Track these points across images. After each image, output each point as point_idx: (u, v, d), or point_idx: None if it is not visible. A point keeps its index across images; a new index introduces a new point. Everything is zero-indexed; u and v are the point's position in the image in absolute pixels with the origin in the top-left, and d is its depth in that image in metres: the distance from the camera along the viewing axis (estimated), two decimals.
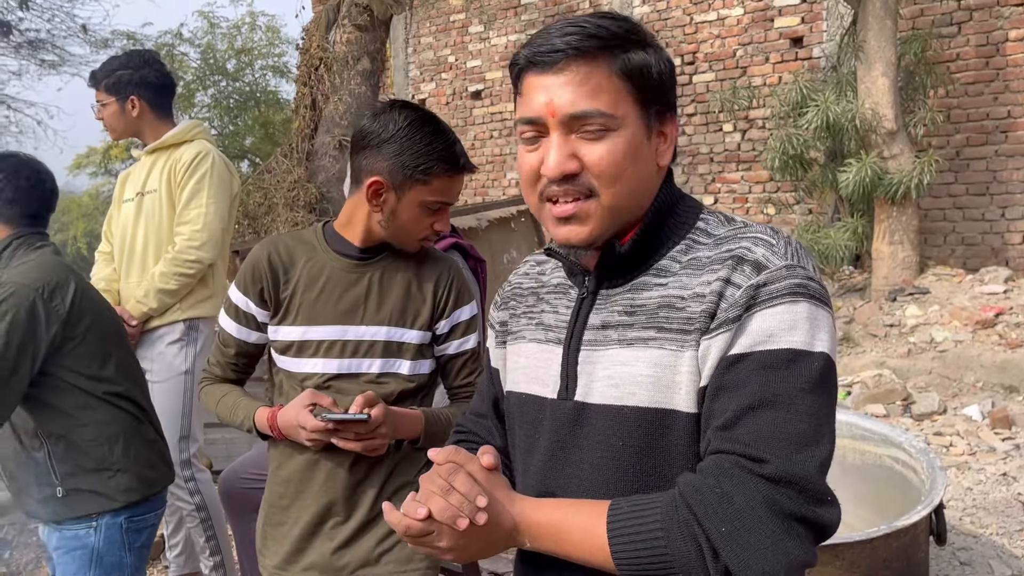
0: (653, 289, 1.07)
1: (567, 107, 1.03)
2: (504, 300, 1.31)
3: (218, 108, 15.43)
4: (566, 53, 1.03)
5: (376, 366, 1.73)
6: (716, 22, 8.18)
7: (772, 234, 1.05)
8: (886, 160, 6.14)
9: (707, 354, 1.00)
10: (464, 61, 10.16)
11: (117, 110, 3.04)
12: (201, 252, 2.97)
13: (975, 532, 3.35)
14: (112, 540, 1.98)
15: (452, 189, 1.71)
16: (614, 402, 1.05)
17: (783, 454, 0.93)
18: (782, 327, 0.97)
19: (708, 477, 0.95)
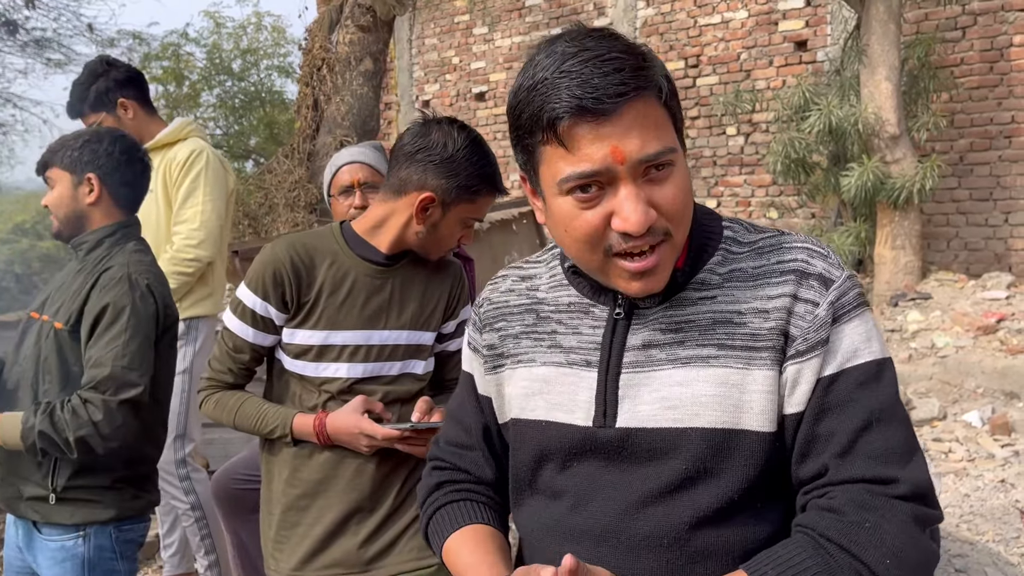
0: (698, 304, 1.03)
1: (637, 152, 0.94)
2: (488, 321, 1.19)
3: (223, 108, 15.45)
4: (627, 98, 0.93)
5: (396, 368, 1.80)
6: (720, 25, 8.18)
7: (817, 244, 1.04)
8: (889, 165, 6.13)
9: (799, 377, 0.99)
10: (468, 63, 10.17)
11: (114, 122, 3.02)
12: (199, 250, 2.97)
13: (971, 539, 3.34)
14: (103, 548, 1.92)
15: (487, 207, 1.81)
16: (674, 424, 1.00)
17: (903, 468, 0.96)
18: (862, 340, 0.99)
19: (848, 514, 0.94)
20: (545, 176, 1.01)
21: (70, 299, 1.89)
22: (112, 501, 1.91)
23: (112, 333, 1.82)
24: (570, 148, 0.96)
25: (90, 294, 1.86)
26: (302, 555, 1.77)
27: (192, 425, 3.05)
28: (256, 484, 2.65)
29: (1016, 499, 3.65)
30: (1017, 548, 3.25)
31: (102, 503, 1.90)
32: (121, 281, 1.86)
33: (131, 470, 1.95)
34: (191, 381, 3.03)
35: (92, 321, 1.84)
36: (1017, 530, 3.38)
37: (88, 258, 1.95)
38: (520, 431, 1.13)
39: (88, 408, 1.78)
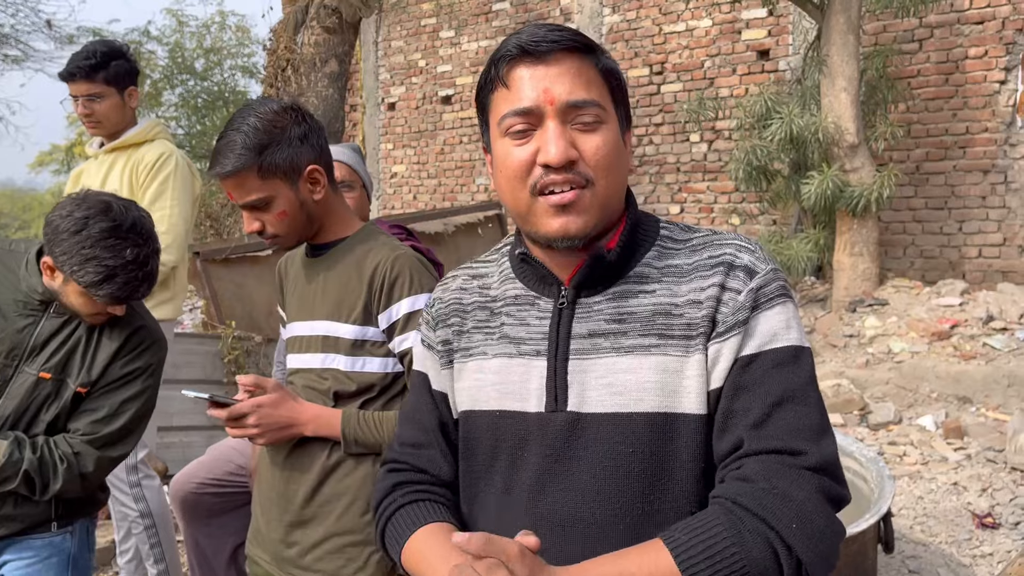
0: (639, 296, 1.09)
1: (565, 95, 1.05)
2: (441, 318, 1.24)
3: (186, 107, 15.26)
4: (560, 44, 1.06)
5: (317, 361, 1.76)
6: (685, 33, 8.26)
7: (746, 240, 1.11)
8: (848, 173, 6.24)
9: (718, 356, 1.05)
10: (435, 66, 10.16)
11: (118, 103, 2.95)
12: (165, 255, 2.92)
13: (925, 541, 3.41)
14: (82, 543, 1.99)
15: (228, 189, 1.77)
16: (620, 409, 1.06)
17: (814, 443, 1.01)
18: (781, 326, 1.06)
19: (760, 481, 0.99)
20: (492, 124, 1.12)
21: (81, 358, 1.86)
22: (91, 497, 1.98)
23: (126, 395, 1.88)
24: (510, 87, 1.08)
25: (114, 359, 1.87)
26: (252, 532, 1.87)
27: (146, 432, 2.99)
28: (214, 488, 2.63)
29: (968, 501, 3.73)
30: (969, 550, 3.33)
31: (84, 500, 1.96)
32: (149, 347, 1.92)
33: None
34: None
35: (110, 381, 1.87)
36: (969, 532, 3.46)
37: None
38: (473, 423, 1.17)
39: (79, 459, 1.82)
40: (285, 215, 1.69)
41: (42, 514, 1.89)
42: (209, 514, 2.64)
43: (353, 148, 2.64)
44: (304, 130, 1.70)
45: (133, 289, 1.77)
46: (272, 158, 1.64)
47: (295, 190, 1.69)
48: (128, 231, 1.76)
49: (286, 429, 1.70)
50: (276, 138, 1.65)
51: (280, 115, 1.68)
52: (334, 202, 1.80)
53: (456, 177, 10.04)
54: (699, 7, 7.97)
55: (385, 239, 1.80)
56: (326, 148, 1.77)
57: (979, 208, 6.82)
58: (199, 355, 4.76)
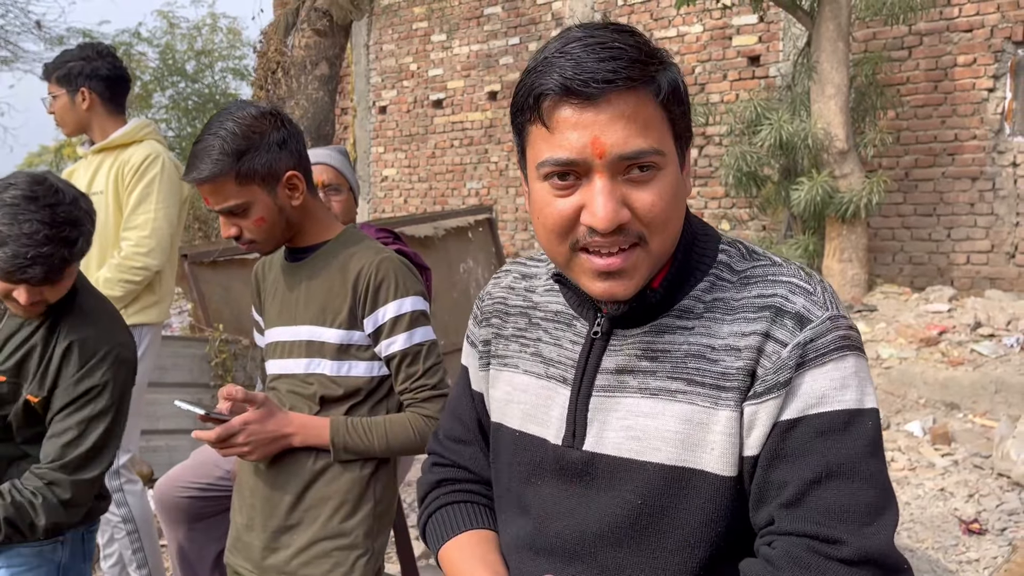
0: (677, 333, 0.99)
1: (619, 146, 0.90)
2: (486, 316, 1.18)
3: (176, 109, 15.21)
4: (614, 85, 0.89)
5: (301, 366, 1.74)
6: (676, 39, 8.29)
7: (806, 278, 0.97)
8: (837, 179, 6.26)
9: (755, 420, 0.93)
10: (426, 69, 10.15)
11: (67, 103, 2.96)
12: (148, 259, 2.91)
13: (911, 546, 3.41)
14: (75, 553, 1.95)
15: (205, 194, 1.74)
16: (634, 456, 0.98)
17: (856, 530, 0.88)
18: (833, 387, 0.92)
19: (783, 568, 0.88)
20: (529, 158, 0.98)
21: (35, 364, 1.80)
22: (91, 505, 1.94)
23: (90, 413, 1.78)
24: (551, 130, 0.92)
25: (62, 367, 1.78)
26: (231, 541, 1.86)
27: (129, 436, 2.95)
28: (199, 492, 2.61)
29: (955, 507, 3.74)
30: (955, 556, 3.34)
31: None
32: (105, 359, 1.79)
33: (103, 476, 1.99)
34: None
35: (70, 399, 1.78)
36: (955, 538, 3.47)
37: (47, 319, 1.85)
38: (499, 436, 1.13)
39: (53, 489, 1.75)
40: (263, 221, 1.67)
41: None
42: (193, 518, 2.62)
43: (340, 151, 2.63)
44: (283, 135, 1.68)
45: (19, 267, 1.62)
46: (250, 164, 1.62)
47: (273, 196, 1.67)
48: (42, 207, 1.64)
49: (275, 442, 1.69)
50: (254, 144, 1.63)
51: (259, 120, 1.66)
52: (313, 206, 1.78)
53: (447, 181, 10.04)
54: (690, 13, 7.99)
55: (369, 242, 1.78)
56: (304, 153, 1.75)
57: (967, 215, 6.85)
58: (186, 358, 4.73)
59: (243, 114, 1.66)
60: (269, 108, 1.72)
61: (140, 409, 3.06)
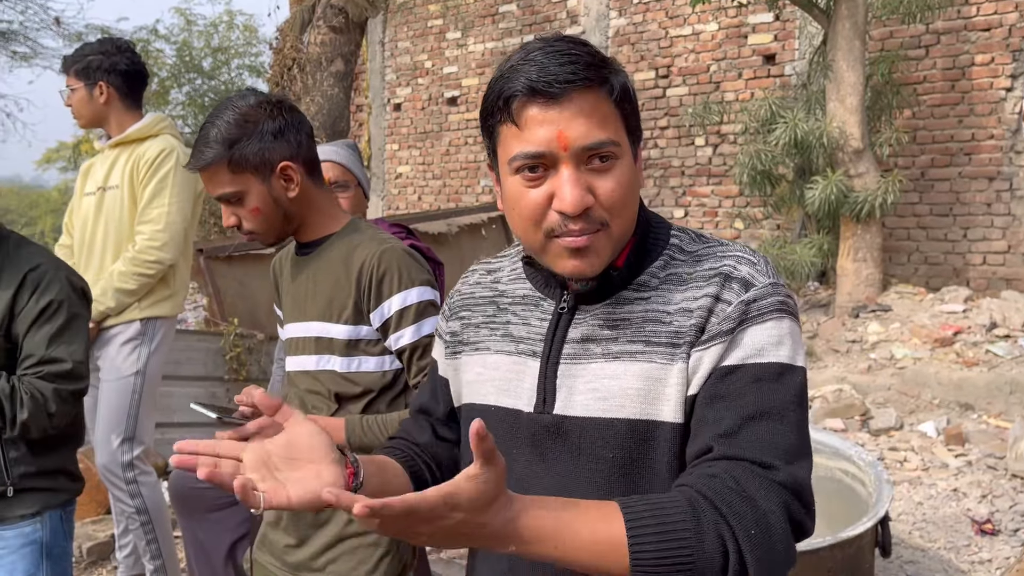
0: (634, 303, 1.08)
1: (581, 139, 1.01)
2: (454, 311, 1.27)
3: (193, 106, 15.29)
4: (574, 84, 1.01)
5: (312, 363, 1.73)
6: (691, 37, 8.27)
7: (751, 253, 1.09)
8: (852, 178, 6.23)
9: (699, 364, 1.03)
10: (441, 67, 10.17)
11: (85, 96, 2.99)
12: (162, 253, 2.94)
13: (923, 546, 3.40)
14: (56, 531, 2.01)
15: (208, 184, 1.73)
16: (602, 415, 1.05)
17: (785, 462, 0.98)
18: (771, 342, 1.02)
19: (726, 480, 0.96)
20: (501, 156, 1.08)
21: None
22: (62, 486, 2.01)
23: (61, 330, 1.90)
24: (521, 127, 1.03)
25: (16, 297, 1.89)
26: (258, 537, 1.85)
27: (143, 428, 2.99)
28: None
29: (968, 508, 3.72)
30: (967, 556, 3.32)
31: (54, 489, 1.99)
32: (56, 280, 1.92)
33: (70, 455, 2.06)
34: (143, 383, 2.97)
35: (32, 319, 1.89)
36: (968, 538, 3.45)
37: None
38: (473, 415, 1.18)
39: (42, 398, 1.86)
40: (258, 211, 1.67)
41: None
42: (207, 509, 2.65)
43: (348, 145, 2.62)
44: (280, 125, 1.66)
45: None
46: (242, 152, 1.62)
47: (267, 186, 1.66)
48: None
49: None
50: (248, 132, 1.63)
51: (255, 109, 1.65)
52: (316, 198, 1.75)
53: (461, 178, 10.05)
54: (705, 11, 7.97)
55: (372, 232, 1.75)
56: (306, 144, 1.72)
57: (984, 215, 6.80)
58: (200, 352, 4.77)
59: (242, 103, 1.66)
60: (271, 98, 1.70)
61: (155, 402, 3.09)
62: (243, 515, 2.68)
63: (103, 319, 2.93)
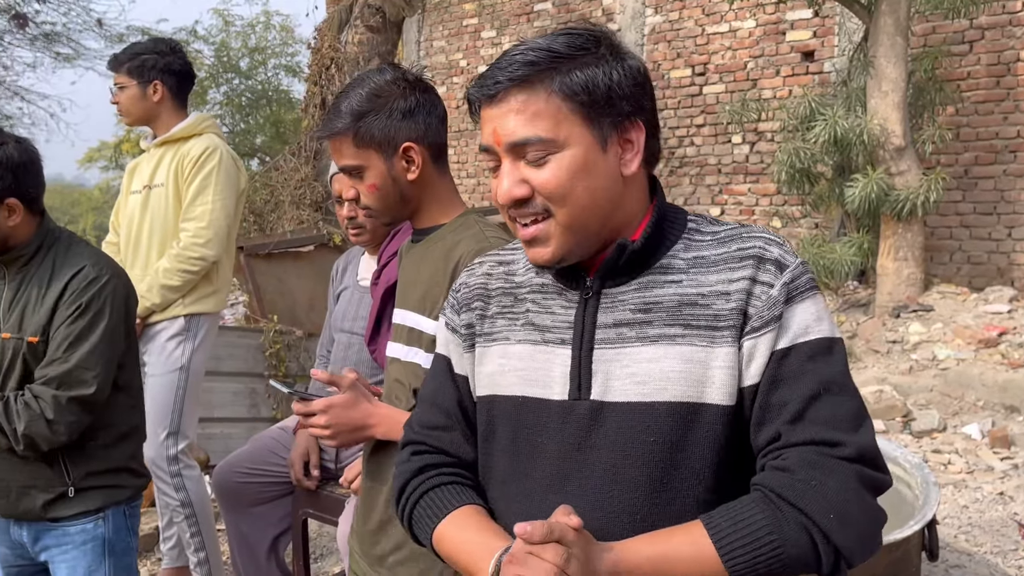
0: (665, 287, 1.10)
1: (508, 136, 1.09)
2: (465, 303, 1.26)
3: (230, 105, 15.49)
4: (505, 84, 1.08)
5: (402, 352, 1.69)
6: (728, 34, 8.19)
7: (774, 234, 1.13)
8: (893, 176, 6.14)
9: (754, 352, 1.06)
10: (476, 65, 10.19)
11: (138, 94, 3.03)
12: (206, 249, 2.98)
13: (969, 550, 3.34)
14: (119, 527, 2.03)
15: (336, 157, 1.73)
16: (643, 399, 1.07)
17: (851, 433, 1.03)
18: (813, 319, 1.07)
19: (798, 472, 1.01)
20: None
21: (32, 309, 1.92)
22: (125, 483, 2.03)
23: (80, 332, 1.88)
24: (480, 124, 1.14)
25: (59, 302, 1.90)
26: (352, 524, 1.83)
27: (187, 422, 3.04)
28: (257, 477, 2.67)
29: (1014, 512, 3.65)
30: (1015, 560, 3.26)
31: (116, 486, 2.02)
32: (94, 284, 1.91)
33: (134, 452, 2.08)
34: (187, 378, 3.02)
35: (60, 321, 1.89)
36: (1015, 543, 3.38)
37: (28, 269, 1.96)
38: (494, 407, 1.18)
39: (40, 403, 1.84)
40: (375, 188, 1.64)
41: (57, 479, 1.93)
42: (251, 503, 2.69)
43: None
44: (411, 105, 1.63)
45: None
46: (368, 127, 1.60)
47: (388, 164, 1.63)
48: None
49: (357, 431, 1.66)
50: (377, 107, 1.61)
51: (389, 85, 1.63)
52: (436, 185, 1.70)
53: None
54: (743, 8, 7.89)
55: (477, 230, 1.67)
56: (435, 127, 1.67)
57: None
58: (241, 348, 4.83)
59: (378, 78, 1.64)
60: (408, 76, 1.67)
61: (198, 397, 3.13)
62: (285, 510, 2.71)
63: (148, 315, 2.98)
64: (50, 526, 1.97)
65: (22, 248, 1.96)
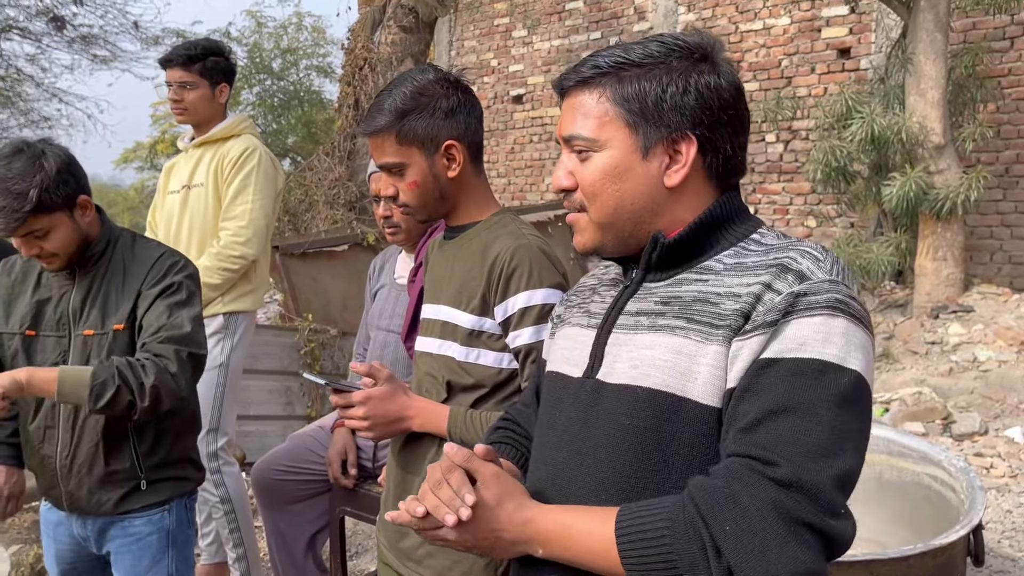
0: (692, 284, 1.12)
1: (563, 130, 1.17)
2: (567, 297, 1.37)
3: (262, 106, 15.63)
4: (570, 82, 1.16)
5: (434, 346, 1.71)
6: (762, 31, 8.11)
7: (822, 251, 1.08)
8: (932, 175, 6.04)
9: (738, 355, 1.02)
10: (507, 65, 10.19)
11: (207, 95, 3.07)
12: (246, 248, 3.01)
13: (1014, 556, 3.27)
14: (181, 520, 2.09)
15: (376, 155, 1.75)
16: (629, 382, 1.09)
17: (797, 460, 0.94)
18: (816, 338, 0.98)
19: (718, 479, 0.97)
20: None
21: (114, 302, 1.96)
22: (188, 475, 2.10)
23: (180, 303, 1.95)
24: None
25: (142, 287, 1.96)
26: (378, 518, 1.87)
27: (226, 419, 3.08)
28: (295, 475, 2.69)
29: None
30: None
31: (182, 478, 2.08)
32: (174, 266, 2.00)
33: (194, 443, 2.14)
34: (227, 375, 3.05)
35: (153, 299, 1.95)
36: None
37: (99, 267, 2.00)
38: (544, 382, 1.30)
39: (163, 360, 1.88)
40: (416, 185, 1.66)
41: (130, 473, 1.98)
42: (289, 501, 2.70)
43: None
44: (453, 104, 1.66)
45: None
46: (412, 125, 1.63)
47: (430, 162, 1.66)
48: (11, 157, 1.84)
49: (394, 424, 1.68)
50: (421, 106, 1.64)
51: (432, 85, 1.66)
52: (473, 183, 1.73)
53: (525, 176, 10.05)
54: (777, 5, 7.81)
55: (514, 228, 1.70)
56: (474, 127, 1.71)
57: None
58: (276, 347, 4.88)
59: (420, 77, 1.67)
60: (449, 76, 1.71)
61: (236, 394, 3.16)
62: (322, 508, 2.73)
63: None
64: (118, 519, 2.02)
65: (93, 246, 2.00)
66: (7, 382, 1.77)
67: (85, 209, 1.96)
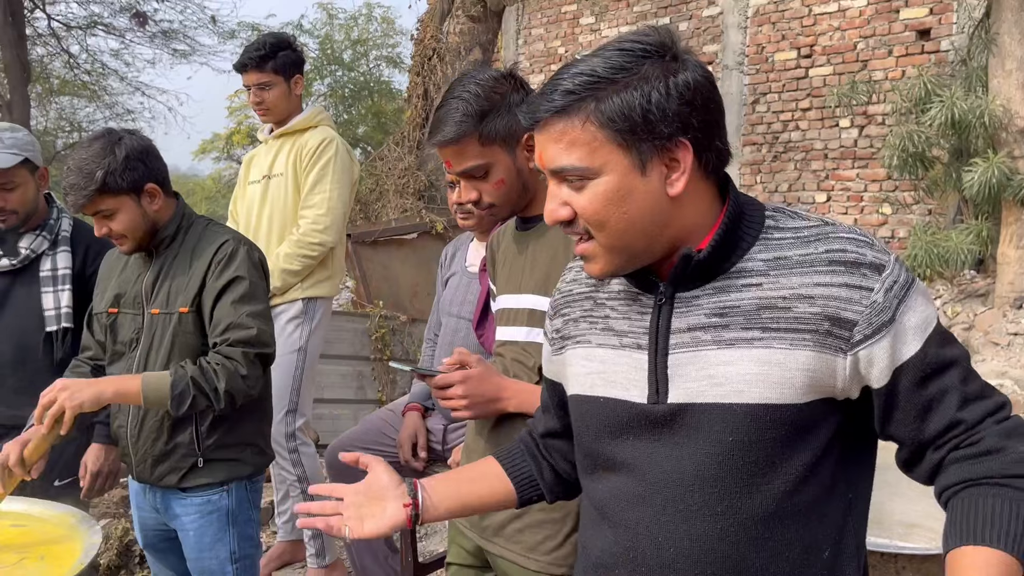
0: (743, 291, 1.11)
1: (549, 162, 1.12)
2: (557, 309, 1.33)
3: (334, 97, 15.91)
4: (544, 114, 1.11)
5: (522, 334, 1.73)
6: (836, 14, 7.91)
7: (861, 232, 1.12)
8: (1016, 160, 5.82)
9: (872, 358, 1.07)
10: (574, 53, 10.15)
11: (284, 91, 3.17)
12: (325, 235, 3.11)
13: None
14: (242, 500, 2.16)
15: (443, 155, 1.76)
16: (721, 400, 1.09)
17: (993, 390, 1.11)
18: (927, 311, 1.09)
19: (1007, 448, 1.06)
20: None
21: (181, 284, 2.06)
22: (248, 459, 2.15)
23: (244, 298, 2.02)
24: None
25: (207, 274, 2.04)
26: None
27: (304, 401, 3.19)
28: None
29: None
30: None
31: (240, 461, 2.14)
32: (239, 255, 2.06)
33: (259, 431, 2.20)
34: (305, 359, 3.16)
35: (218, 292, 2.03)
36: None
37: (171, 250, 2.11)
38: (582, 406, 1.25)
39: (232, 363, 1.97)
40: (503, 183, 1.69)
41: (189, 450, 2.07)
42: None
43: None
44: (521, 98, 1.68)
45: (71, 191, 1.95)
46: (492, 125, 1.64)
47: (513, 158, 1.68)
48: (93, 141, 1.98)
49: (491, 403, 1.70)
50: (496, 104, 1.65)
51: (500, 82, 1.68)
52: None
53: None
54: None
55: None
56: None
57: None
58: (348, 332, 5.00)
59: (484, 76, 1.69)
60: (508, 71, 1.73)
61: (314, 377, 3.27)
62: None
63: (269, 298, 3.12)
64: (179, 494, 2.12)
65: (164, 230, 2.11)
66: (88, 399, 1.87)
67: (153, 197, 2.06)
